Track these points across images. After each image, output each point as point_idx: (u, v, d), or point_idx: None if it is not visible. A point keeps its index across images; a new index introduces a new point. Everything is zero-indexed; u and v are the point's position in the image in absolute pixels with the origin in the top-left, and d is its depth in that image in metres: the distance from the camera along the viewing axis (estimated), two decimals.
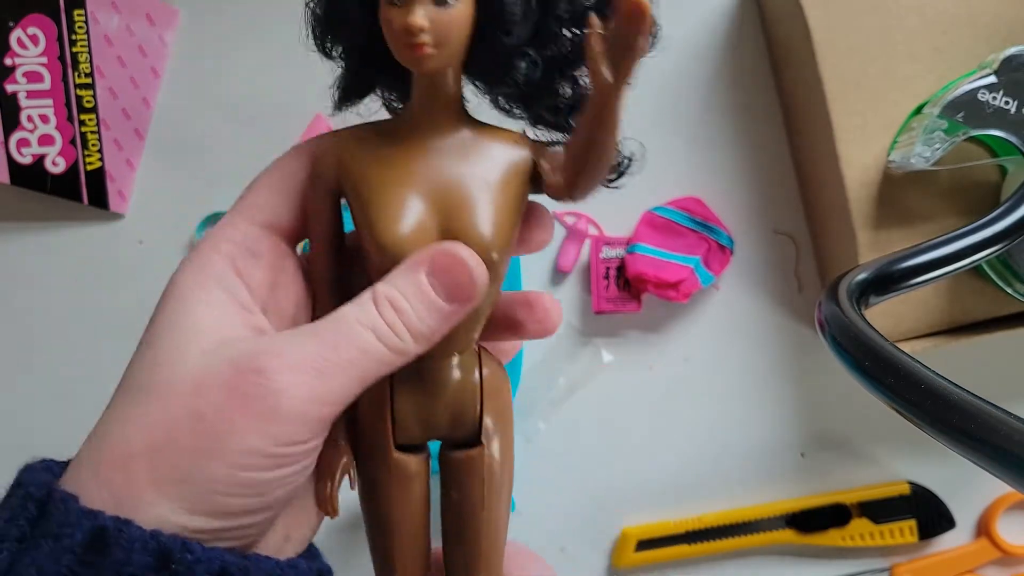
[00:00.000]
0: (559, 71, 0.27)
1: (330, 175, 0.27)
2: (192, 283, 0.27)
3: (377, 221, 0.26)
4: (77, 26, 0.51)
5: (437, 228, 0.26)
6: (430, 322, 0.26)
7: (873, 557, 0.53)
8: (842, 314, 0.31)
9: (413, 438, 0.28)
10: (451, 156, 0.27)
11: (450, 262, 0.25)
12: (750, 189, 0.52)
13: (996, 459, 0.23)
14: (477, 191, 0.26)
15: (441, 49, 0.25)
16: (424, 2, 0.24)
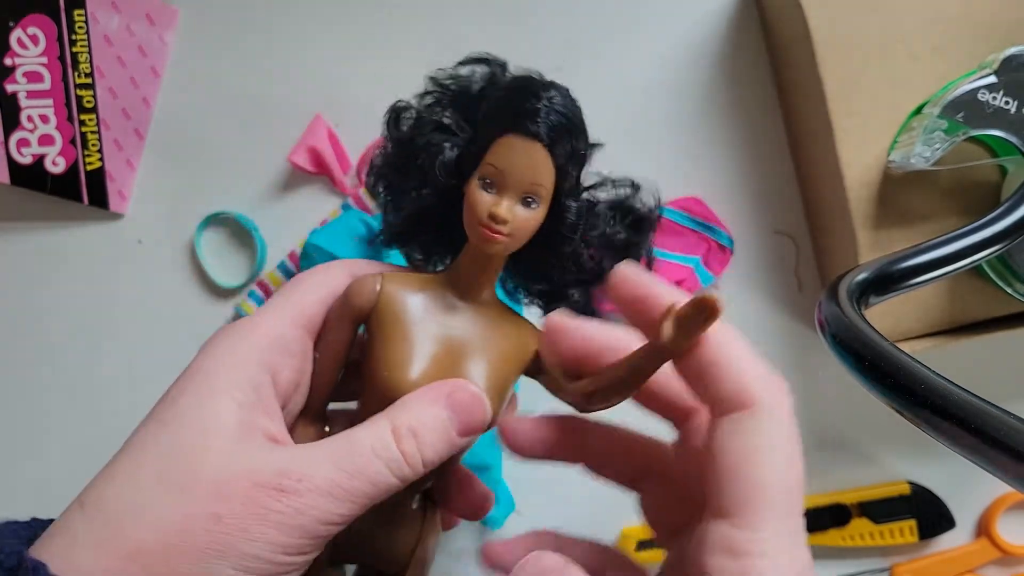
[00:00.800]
0: (579, 282, 0.31)
1: (365, 305, 0.29)
2: (223, 372, 0.27)
3: (394, 362, 0.28)
4: (77, 26, 0.51)
5: (441, 377, 0.28)
6: (441, 453, 0.27)
7: (873, 557, 0.53)
8: (842, 314, 0.31)
9: (343, 555, 0.30)
10: (472, 324, 0.29)
11: (468, 399, 0.28)
12: (750, 189, 0.52)
13: (996, 459, 0.23)
14: (484, 353, 0.29)
15: (512, 240, 0.28)
16: (513, 199, 0.27)
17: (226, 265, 0.53)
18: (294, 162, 0.51)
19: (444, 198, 0.29)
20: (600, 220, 0.30)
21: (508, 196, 0.27)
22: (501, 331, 0.30)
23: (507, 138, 0.27)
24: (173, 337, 0.54)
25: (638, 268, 0.27)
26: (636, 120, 0.52)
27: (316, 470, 0.25)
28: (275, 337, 0.28)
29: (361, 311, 0.29)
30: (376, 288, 0.29)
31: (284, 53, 0.53)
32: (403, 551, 0.30)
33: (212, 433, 0.25)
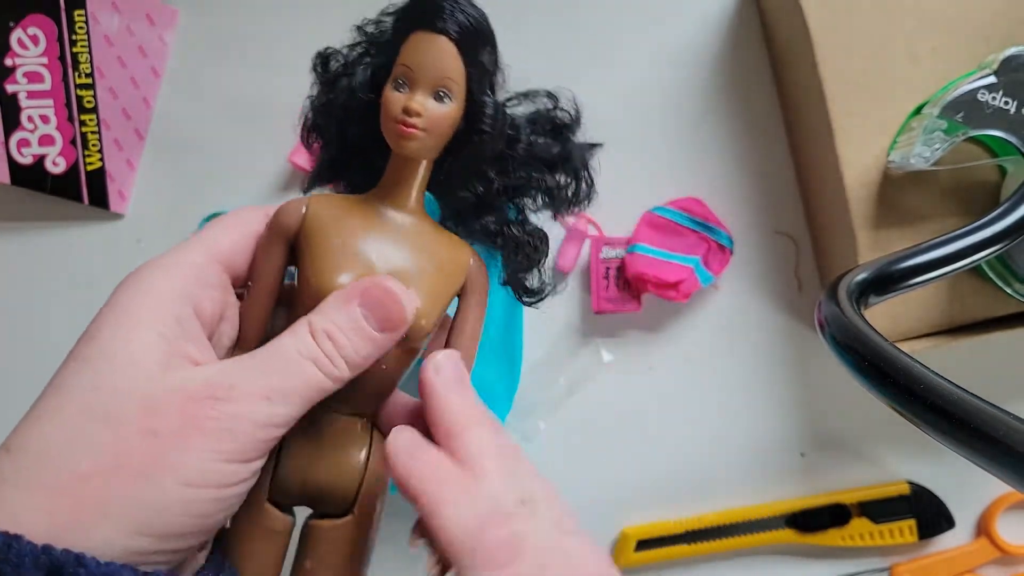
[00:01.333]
0: (504, 195, 0.31)
1: (292, 224, 0.29)
2: (144, 306, 0.27)
3: (322, 269, 0.28)
4: (77, 26, 0.51)
5: None
6: (364, 351, 0.27)
7: (873, 557, 0.53)
8: (842, 314, 0.31)
9: (287, 493, 0.29)
10: (404, 236, 0.30)
11: (381, 294, 0.27)
12: (750, 189, 0.52)
13: (996, 459, 0.23)
14: (419, 268, 0.29)
15: (427, 136, 0.28)
16: (425, 93, 0.28)
17: None
18: (294, 162, 0.51)
19: (368, 126, 0.30)
20: (521, 133, 0.30)
21: (420, 91, 0.28)
22: (434, 242, 0.30)
23: (415, 36, 0.28)
24: None
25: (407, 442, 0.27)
26: (636, 120, 0.52)
27: (247, 376, 0.25)
28: (194, 270, 0.28)
29: (289, 229, 0.29)
30: (303, 207, 0.29)
31: (284, 53, 0.53)
32: (349, 482, 0.29)
33: (137, 363, 0.25)
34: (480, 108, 0.29)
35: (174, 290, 0.27)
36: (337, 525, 0.29)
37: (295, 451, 0.29)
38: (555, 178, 0.32)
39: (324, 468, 0.29)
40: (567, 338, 0.53)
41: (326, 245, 0.29)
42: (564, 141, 0.31)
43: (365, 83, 0.30)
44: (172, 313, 0.26)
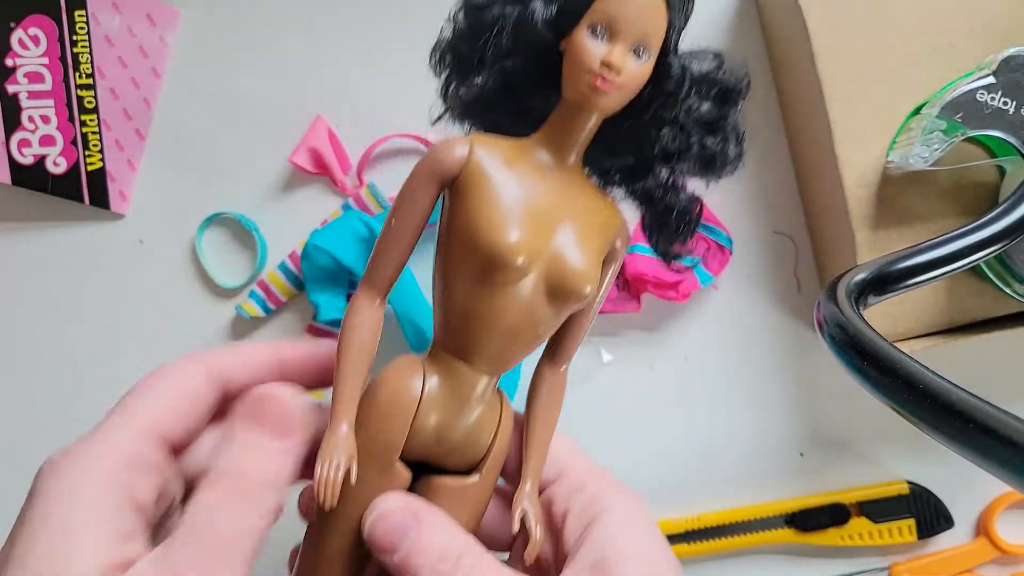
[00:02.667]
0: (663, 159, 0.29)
1: (454, 166, 0.27)
2: (71, 511, 0.24)
3: (492, 223, 0.26)
4: (78, 27, 0.51)
5: (547, 250, 0.27)
6: (272, 467, 0.26)
7: (872, 556, 0.53)
8: (841, 314, 0.31)
9: (421, 448, 0.28)
10: (563, 190, 0.28)
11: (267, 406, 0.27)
12: (750, 189, 0.52)
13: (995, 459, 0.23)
14: (581, 231, 0.28)
15: (619, 93, 0.26)
16: (626, 47, 0.26)
17: (226, 265, 0.53)
18: (295, 163, 0.51)
19: (529, 64, 0.27)
20: (694, 94, 0.28)
21: (620, 44, 0.26)
22: (591, 203, 0.29)
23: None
24: (173, 337, 0.54)
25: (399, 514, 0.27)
26: None
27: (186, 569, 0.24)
28: (124, 457, 0.25)
29: (448, 172, 0.27)
30: (465, 149, 0.27)
31: (285, 54, 0.53)
32: (482, 442, 0.29)
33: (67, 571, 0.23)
34: (667, 68, 0.27)
35: (104, 487, 0.25)
36: (466, 485, 0.29)
37: (432, 407, 0.28)
38: (715, 143, 0.29)
39: (462, 426, 0.28)
40: None
41: (494, 196, 0.27)
42: (727, 106, 0.29)
43: (550, 20, 0.27)
44: (105, 516, 0.24)
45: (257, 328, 0.53)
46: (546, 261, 0.27)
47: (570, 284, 0.27)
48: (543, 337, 0.29)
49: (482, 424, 0.29)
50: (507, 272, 0.27)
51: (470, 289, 0.27)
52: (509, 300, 0.27)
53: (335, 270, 0.50)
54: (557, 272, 0.27)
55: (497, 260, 0.26)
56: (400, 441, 0.28)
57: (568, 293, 0.28)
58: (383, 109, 0.52)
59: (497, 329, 0.28)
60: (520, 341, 0.28)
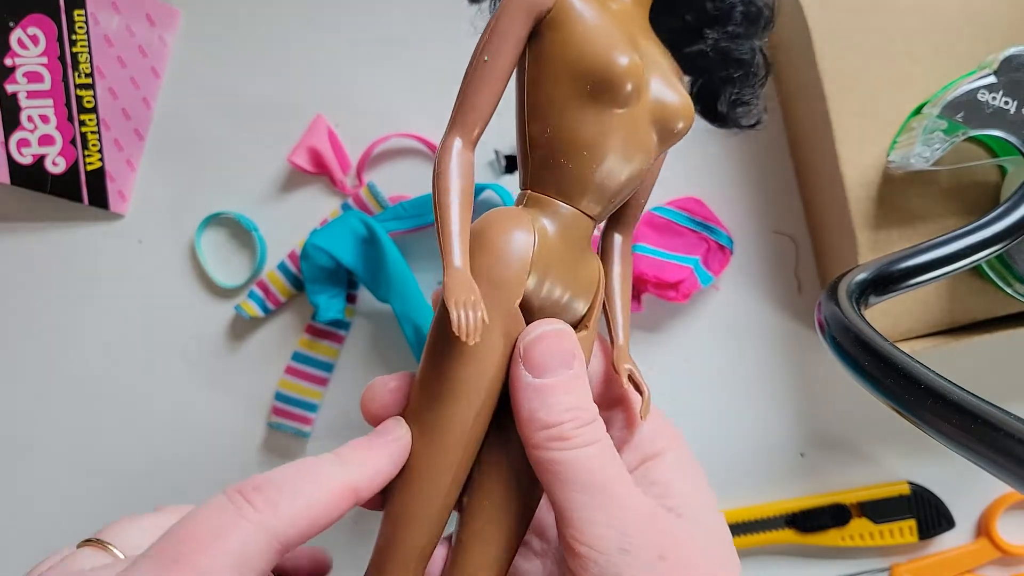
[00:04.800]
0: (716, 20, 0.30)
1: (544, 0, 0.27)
2: None
3: (606, 49, 0.26)
4: (77, 26, 0.51)
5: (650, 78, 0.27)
6: None
7: (873, 557, 0.53)
8: (842, 314, 0.31)
9: (533, 293, 0.27)
10: (646, 34, 0.29)
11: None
12: (750, 189, 0.52)
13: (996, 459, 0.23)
14: (671, 69, 0.29)
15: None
16: None
17: (226, 265, 0.53)
18: (294, 162, 0.51)
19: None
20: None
21: None
22: (666, 55, 0.29)
23: None
24: (173, 337, 0.54)
25: None
26: None
27: None
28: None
29: (542, 4, 0.27)
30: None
31: (284, 53, 0.53)
32: (591, 290, 0.29)
33: None
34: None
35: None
36: (582, 336, 0.29)
37: (546, 249, 0.27)
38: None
39: (574, 274, 0.28)
40: None
41: (596, 24, 0.27)
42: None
43: None
44: None
45: (257, 328, 0.53)
46: (651, 88, 0.28)
47: (674, 113, 0.28)
48: (643, 174, 0.29)
49: (591, 274, 0.29)
50: (620, 90, 0.27)
51: (576, 116, 0.27)
52: (619, 121, 0.27)
53: (334, 270, 0.50)
54: (661, 100, 0.28)
55: (611, 77, 0.26)
56: (519, 288, 0.27)
57: (670, 123, 0.28)
58: (383, 109, 0.52)
59: (607, 154, 0.27)
60: (626, 171, 0.28)
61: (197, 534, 0.23)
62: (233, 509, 0.23)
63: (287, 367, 0.53)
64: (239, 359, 0.53)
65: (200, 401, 0.54)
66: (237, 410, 0.54)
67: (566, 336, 0.27)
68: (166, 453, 0.54)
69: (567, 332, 0.28)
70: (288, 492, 0.24)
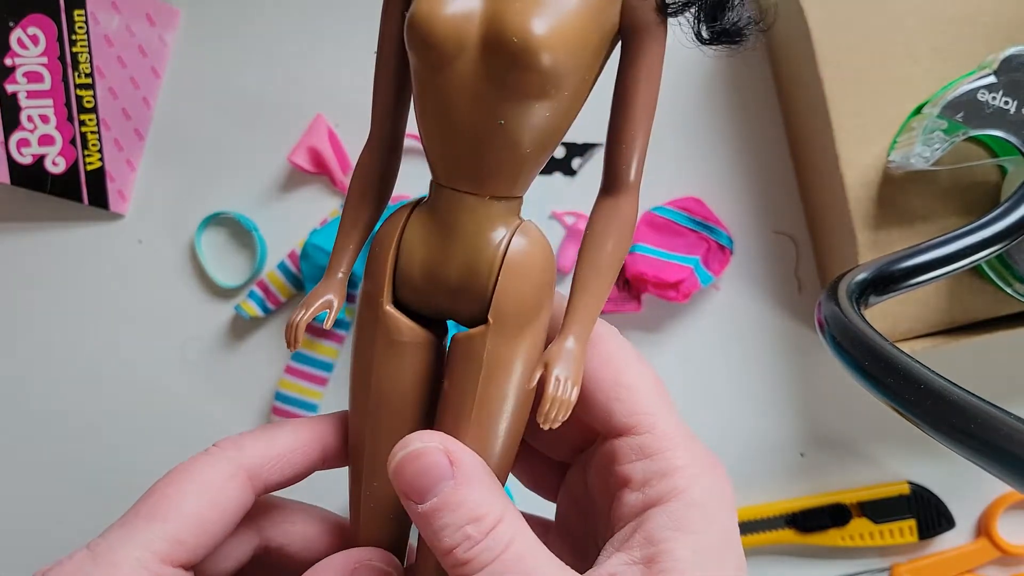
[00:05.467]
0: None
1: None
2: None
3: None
4: (77, 26, 0.51)
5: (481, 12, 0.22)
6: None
7: (873, 557, 0.53)
8: (842, 314, 0.31)
9: (414, 291, 0.24)
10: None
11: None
12: (750, 189, 0.52)
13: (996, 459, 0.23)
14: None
15: None
16: None
17: (226, 265, 0.53)
18: (294, 162, 0.51)
19: None
20: None
21: None
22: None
23: None
24: (173, 337, 0.54)
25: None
26: None
27: None
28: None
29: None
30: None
31: (284, 53, 0.53)
32: (481, 274, 0.24)
33: None
34: None
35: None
36: (471, 336, 0.24)
37: (415, 238, 0.24)
38: None
39: (448, 252, 0.24)
40: None
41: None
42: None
43: None
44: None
45: (256, 328, 0.53)
46: (486, 24, 0.21)
47: (511, 44, 0.21)
48: (518, 133, 0.22)
49: (479, 256, 0.23)
50: (438, 48, 0.22)
51: (420, 91, 0.23)
52: (451, 86, 0.22)
53: None
54: (495, 32, 0.21)
55: (425, 33, 0.21)
56: (382, 281, 0.24)
57: (512, 60, 0.21)
58: None
59: (452, 129, 0.23)
60: (487, 143, 0.23)
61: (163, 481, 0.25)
62: (200, 453, 0.25)
63: (287, 367, 0.53)
64: (239, 359, 0.53)
65: (200, 401, 0.54)
66: (237, 410, 0.54)
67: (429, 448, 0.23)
68: (166, 453, 0.54)
69: (429, 437, 0.23)
70: (253, 436, 0.26)
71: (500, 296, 0.23)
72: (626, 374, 0.25)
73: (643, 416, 0.25)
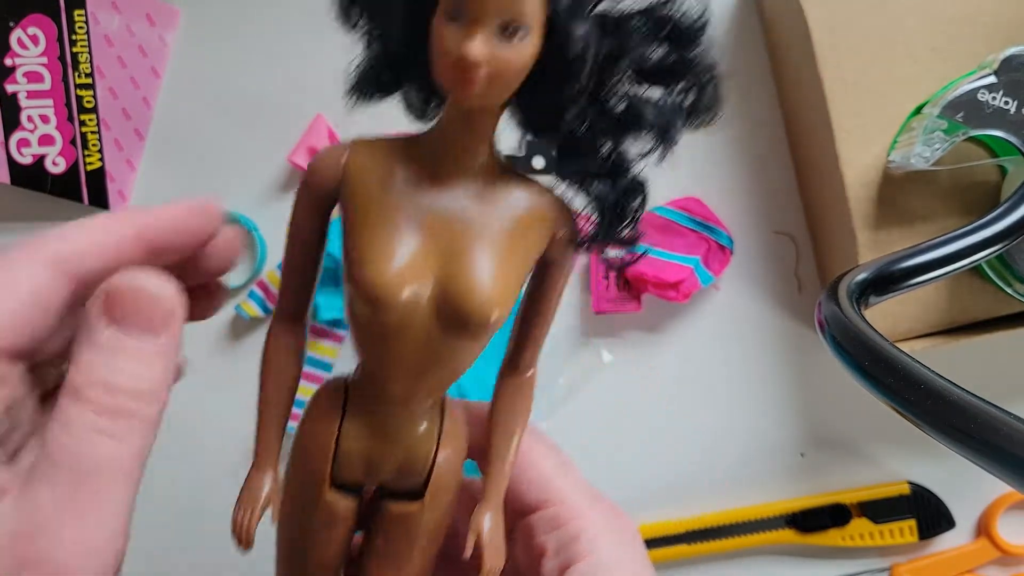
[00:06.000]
0: (605, 132, 0.24)
1: (330, 181, 0.24)
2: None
3: (367, 251, 0.23)
4: (77, 26, 0.51)
5: (432, 272, 0.23)
6: (147, 373, 0.22)
7: (873, 557, 0.53)
8: (842, 314, 0.31)
9: (352, 479, 0.26)
10: (468, 195, 0.24)
11: (129, 301, 0.22)
12: (750, 189, 0.52)
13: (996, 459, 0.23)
14: (486, 238, 0.24)
15: (493, 87, 0.22)
16: (488, 30, 0.21)
17: None
18: (294, 162, 0.51)
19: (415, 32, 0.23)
20: (626, 40, 0.22)
21: (482, 28, 0.21)
22: (511, 200, 0.24)
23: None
24: None
25: None
26: None
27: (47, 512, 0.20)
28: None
29: (325, 189, 0.24)
30: (342, 160, 0.24)
31: (284, 53, 0.53)
32: (419, 463, 0.26)
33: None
34: (566, 35, 0.21)
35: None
36: (409, 511, 0.26)
37: (354, 434, 0.25)
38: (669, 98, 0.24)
39: (389, 449, 0.26)
40: (567, 338, 0.53)
41: (374, 217, 0.23)
42: (686, 49, 0.23)
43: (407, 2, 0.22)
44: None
45: (257, 328, 0.53)
46: (439, 289, 0.23)
47: (467, 313, 0.23)
48: (460, 370, 0.26)
49: (417, 446, 0.26)
50: (390, 311, 0.23)
51: (362, 327, 0.24)
52: (403, 339, 0.24)
53: (335, 270, 0.50)
54: (451, 301, 0.23)
55: (377, 299, 0.23)
56: (322, 473, 0.26)
57: (466, 323, 0.23)
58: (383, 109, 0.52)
59: (398, 370, 0.25)
60: (429, 379, 0.25)
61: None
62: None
63: None
64: (239, 359, 0.53)
65: (200, 401, 0.54)
66: (237, 410, 0.53)
67: None
68: (165, 453, 0.54)
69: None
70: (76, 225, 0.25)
71: (436, 480, 0.26)
72: (529, 457, 0.29)
73: (552, 491, 0.28)
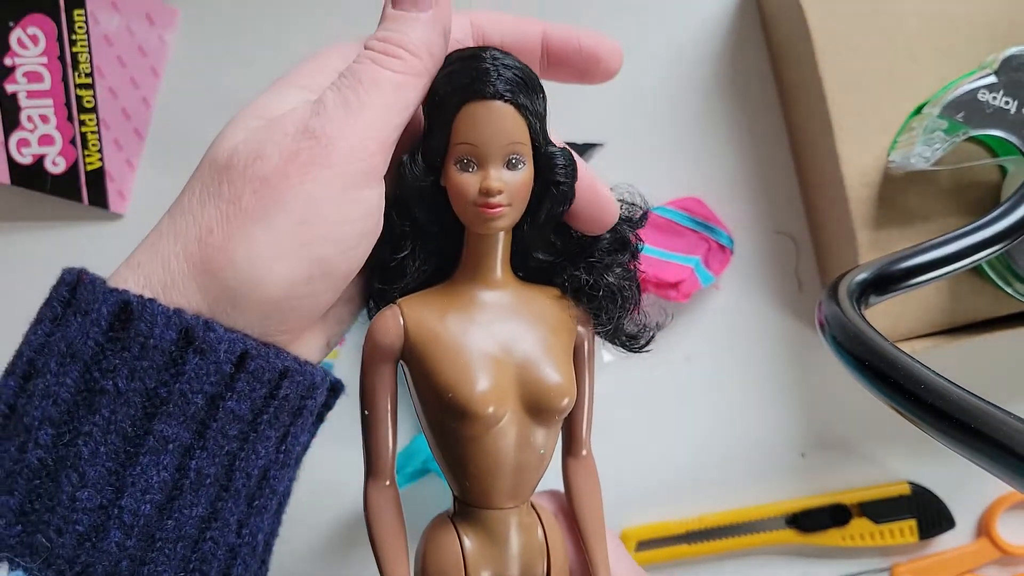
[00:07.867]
0: (583, 245, 0.30)
1: (395, 341, 0.28)
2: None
3: (458, 383, 0.27)
4: (77, 26, 0.51)
5: (514, 380, 0.28)
6: (416, 34, 0.28)
7: (873, 557, 0.53)
8: (842, 314, 0.31)
9: None
10: (508, 311, 0.29)
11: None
12: (750, 189, 0.52)
13: (996, 459, 0.23)
14: (542, 343, 0.28)
15: (512, 209, 0.27)
16: (497, 166, 0.26)
17: None
18: None
19: (435, 211, 0.28)
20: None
21: (492, 166, 0.26)
22: (537, 305, 0.29)
23: (467, 109, 0.26)
24: None
25: None
26: (637, 120, 0.52)
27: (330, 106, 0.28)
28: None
29: (392, 348, 0.28)
30: (400, 320, 0.28)
31: (284, 53, 0.53)
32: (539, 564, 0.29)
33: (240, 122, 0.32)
34: (549, 159, 0.27)
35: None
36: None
37: (479, 560, 0.28)
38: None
39: (514, 563, 0.29)
40: None
41: (445, 353, 0.27)
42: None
43: (421, 172, 0.28)
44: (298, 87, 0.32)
45: None
46: (520, 391, 0.28)
47: (550, 404, 0.28)
48: (549, 454, 0.29)
49: (532, 552, 0.29)
50: (485, 421, 0.27)
51: (461, 445, 0.28)
52: (501, 442, 0.28)
53: None
54: (534, 398, 0.28)
55: (472, 415, 0.27)
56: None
57: (551, 412, 0.28)
58: None
59: (502, 470, 0.28)
60: (528, 469, 0.29)
61: None
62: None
63: None
64: None
65: None
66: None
67: None
68: None
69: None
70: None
71: (555, 562, 0.29)
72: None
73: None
